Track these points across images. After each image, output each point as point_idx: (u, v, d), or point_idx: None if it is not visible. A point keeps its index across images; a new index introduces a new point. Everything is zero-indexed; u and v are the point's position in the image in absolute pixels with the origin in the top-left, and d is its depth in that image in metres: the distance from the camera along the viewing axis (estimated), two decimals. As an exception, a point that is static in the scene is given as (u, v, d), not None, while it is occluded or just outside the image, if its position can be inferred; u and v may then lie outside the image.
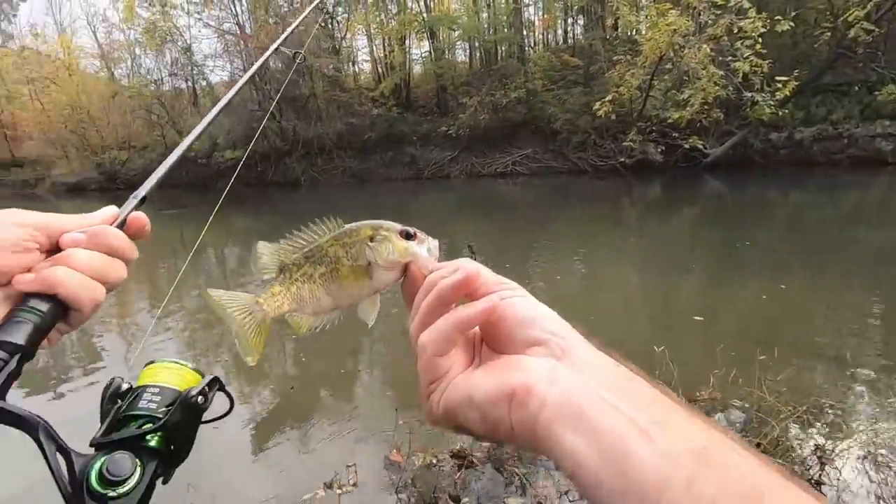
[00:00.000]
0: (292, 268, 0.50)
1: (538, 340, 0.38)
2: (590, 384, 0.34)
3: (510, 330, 0.40)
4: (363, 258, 0.46)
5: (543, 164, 19.62)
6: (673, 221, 9.82)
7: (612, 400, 0.32)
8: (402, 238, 0.46)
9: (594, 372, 0.35)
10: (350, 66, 26.30)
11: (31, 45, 30.44)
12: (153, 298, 6.45)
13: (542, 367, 0.36)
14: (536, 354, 0.37)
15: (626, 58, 16.57)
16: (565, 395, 0.33)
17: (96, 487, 0.40)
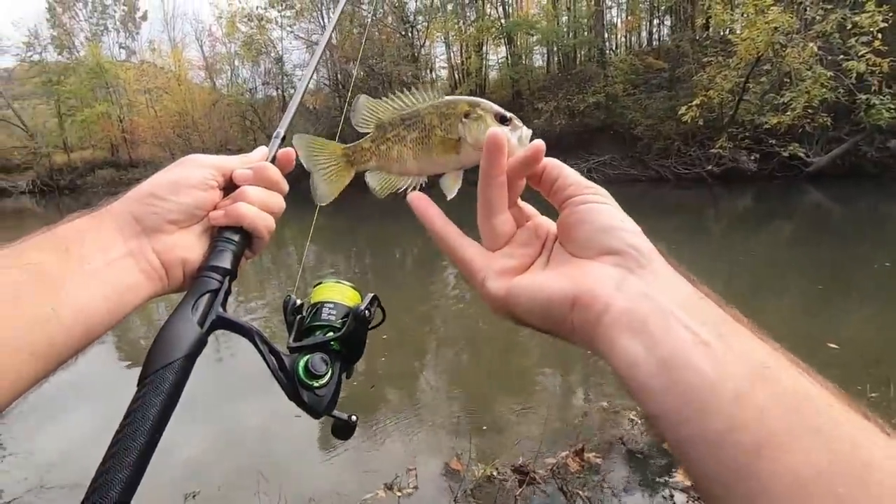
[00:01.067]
0: (387, 126, 0.51)
1: (614, 250, 0.37)
2: (658, 297, 0.33)
3: (588, 235, 0.39)
4: (455, 132, 0.47)
5: (621, 171, 18.82)
6: (764, 236, 8.99)
7: (680, 314, 0.32)
8: (495, 120, 0.46)
9: (666, 286, 0.35)
10: (428, 73, 26.87)
11: (150, 59, 34.25)
12: (239, 289, 6.95)
13: (611, 275, 0.36)
14: (610, 263, 0.37)
15: (718, 59, 15.49)
16: (631, 303, 0.33)
17: (304, 379, 0.52)
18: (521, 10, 24.74)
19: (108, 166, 32.22)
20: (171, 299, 0.52)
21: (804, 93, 13.17)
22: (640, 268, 0.36)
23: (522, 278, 0.40)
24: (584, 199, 0.40)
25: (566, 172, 0.43)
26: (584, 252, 0.39)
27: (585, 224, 0.39)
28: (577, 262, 0.38)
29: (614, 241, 0.37)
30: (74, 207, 2.65)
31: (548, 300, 0.37)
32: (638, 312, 0.33)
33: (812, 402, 0.28)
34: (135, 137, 31.86)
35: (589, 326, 0.34)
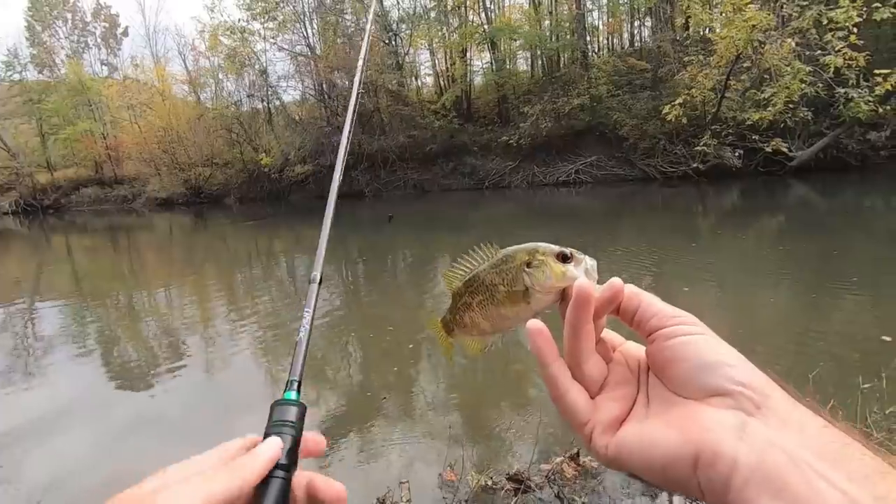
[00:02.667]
0: (456, 297, 0.53)
1: (724, 391, 0.32)
2: (790, 446, 0.29)
3: (688, 375, 0.34)
4: (520, 284, 0.46)
5: (608, 171, 18.99)
6: (752, 231, 9.10)
7: (820, 467, 0.28)
8: (558, 261, 0.45)
9: (796, 431, 0.30)
10: (413, 81, 26.97)
11: (132, 74, 33.98)
12: (231, 304, 6.88)
13: (728, 422, 0.31)
14: (721, 406, 0.32)
15: (699, 58, 15.73)
16: (760, 456, 0.29)
17: None
18: (503, 15, 24.95)
19: (93, 184, 31.85)
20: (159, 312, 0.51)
21: (784, 88, 13.41)
22: (758, 408, 0.31)
23: (629, 432, 0.36)
24: (673, 331, 0.36)
25: (646, 302, 0.39)
26: (687, 392, 0.34)
27: (681, 362, 0.35)
28: (684, 404, 0.34)
29: (721, 381, 0.33)
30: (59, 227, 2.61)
31: (664, 460, 0.33)
32: (772, 468, 0.28)
33: None
34: (119, 154, 31.52)
35: (718, 488, 0.30)
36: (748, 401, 0.32)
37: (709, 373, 0.33)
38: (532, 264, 0.46)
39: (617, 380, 0.40)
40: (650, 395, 0.38)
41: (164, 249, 14.19)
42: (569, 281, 0.44)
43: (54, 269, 11.89)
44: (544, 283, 0.45)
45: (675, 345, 0.36)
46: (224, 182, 26.57)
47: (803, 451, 0.28)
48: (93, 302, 7.68)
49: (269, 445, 0.45)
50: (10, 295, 8.45)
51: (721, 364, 0.34)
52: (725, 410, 0.32)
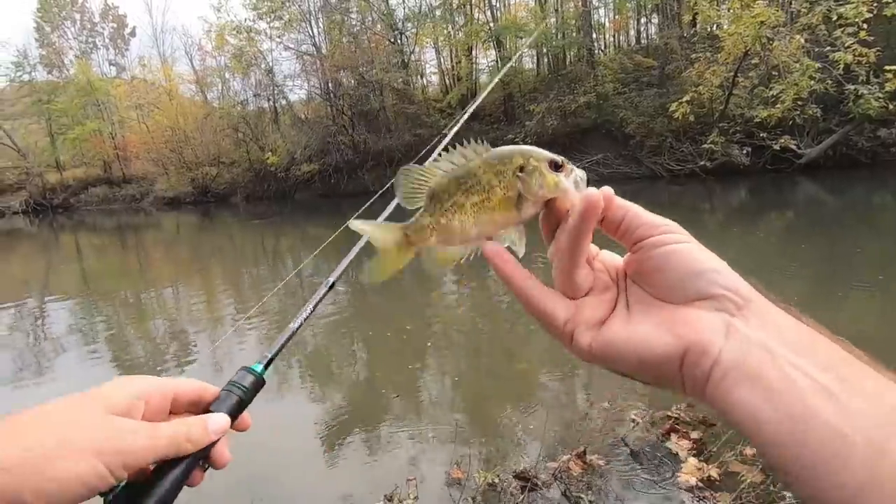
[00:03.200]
0: (442, 195, 0.46)
1: (709, 294, 0.34)
2: (769, 342, 0.32)
3: (675, 282, 0.36)
4: (514, 189, 0.43)
5: (615, 169, 18.89)
6: (761, 229, 9.03)
7: (793, 358, 0.31)
8: (551, 170, 0.43)
9: (774, 328, 0.33)
10: (418, 79, 26.97)
11: (140, 74, 34.24)
12: (237, 302, 6.92)
13: (716, 323, 0.33)
14: (706, 309, 0.34)
15: (706, 55, 15.61)
16: (742, 353, 0.32)
17: None
18: (509, 13, 24.88)
19: (102, 183, 32.13)
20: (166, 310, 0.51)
21: (793, 85, 13.27)
22: (740, 310, 0.34)
23: (615, 330, 0.38)
24: (661, 240, 0.37)
25: (632, 212, 0.39)
26: (672, 297, 0.36)
27: (669, 270, 0.36)
28: (671, 309, 0.36)
29: (707, 286, 0.34)
30: (68, 226, 2.64)
31: (657, 359, 0.35)
32: (750, 362, 0.31)
33: None
34: (127, 154, 31.78)
35: (700, 381, 0.33)
36: (731, 304, 0.34)
37: (696, 278, 0.35)
38: (526, 169, 0.43)
39: (599, 286, 0.41)
40: (630, 300, 0.39)
41: (172, 248, 14.29)
42: (559, 193, 0.42)
43: (63, 268, 12.01)
44: (537, 191, 0.43)
45: (663, 253, 0.36)
46: (231, 181, 26.72)
47: (779, 346, 0.31)
48: (101, 300, 7.75)
49: (220, 424, 0.50)
50: (20, 293, 8.55)
51: (708, 270, 0.35)
52: (711, 312, 0.34)
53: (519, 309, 3.74)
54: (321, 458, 2.89)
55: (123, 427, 0.42)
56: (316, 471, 2.78)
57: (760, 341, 0.32)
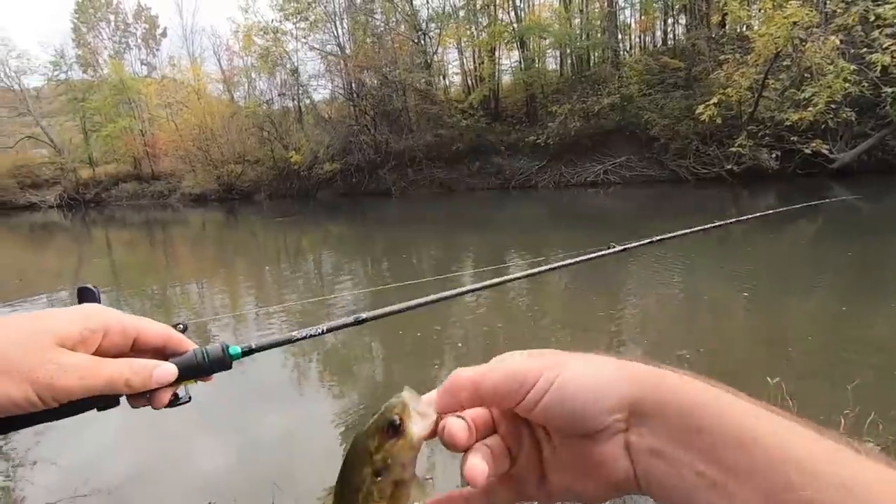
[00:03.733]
0: None
1: (599, 428, 0.34)
2: (661, 447, 0.32)
3: (565, 430, 0.36)
4: (388, 488, 0.39)
5: (638, 172, 18.63)
6: (789, 236, 8.78)
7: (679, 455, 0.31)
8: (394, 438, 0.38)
9: (662, 427, 0.32)
10: (441, 80, 27.04)
11: (170, 74, 35.13)
12: (259, 298, 7.04)
13: (618, 452, 0.34)
14: (605, 438, 0.34)
15: (735, 56, 15.27)
16: (645, 469, 0.33)
17: None
18: (533, 13, 24.76)
19: (132, 180, 33.09)
20: (190, 304, 0.52)
21: (826, 87, 12.88)
22: (628, 421, 0.34)
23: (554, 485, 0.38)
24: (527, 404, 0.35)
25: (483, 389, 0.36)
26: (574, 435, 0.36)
27: (554, 423, 0.36)
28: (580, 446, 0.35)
29: (595, 423, 0.34)
30: (99, 220, 2.72)
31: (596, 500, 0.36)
32: (653, 475, 0.32)
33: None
34: (156, 151, 32.64)
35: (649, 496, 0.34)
36: (620, 422, 0.34)
37: (580, 422, 0.34)
38: (380, 471, 0.38)
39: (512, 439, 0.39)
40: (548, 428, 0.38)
41: (197, 244, 14.63)
42: (419, 444, 0.38)
43: (94, 262, 12.41)
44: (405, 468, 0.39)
45: (538, 414, 0.35)
46: (255, 179, 27.21)
47: (666, 445, 0.32)
48: (129, 293, 7.98)
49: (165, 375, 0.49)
50: (54, 284, 8.87)
51: (584, 409, 0.34)
52: (609, 440, 0.34)
53: (540, 311, 3.73)
54: (339, 458, 2.92)
55: (64, 362, 0.43)
56: (333, 470, 2.81)
57: (653, 448, 0.32)
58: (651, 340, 4.36)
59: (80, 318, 0.46)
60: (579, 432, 0.35)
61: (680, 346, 4.05)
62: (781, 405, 1.27)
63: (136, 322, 0.50)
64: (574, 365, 0.35)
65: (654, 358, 0.37)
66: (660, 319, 4.98)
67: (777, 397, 2.32)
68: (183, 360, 0.52)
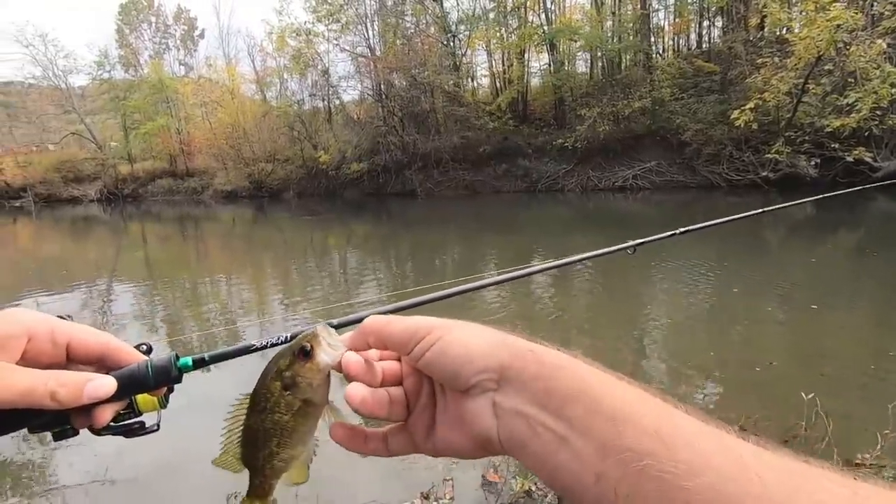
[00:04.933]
0: (251, 460, 0.48)
1: (471, 385, 0.38)
2: (520, 406, 0.36)
3: (446, 380, 0.40)
4: (296, 404, 0.44)
5: (668, 177, 18.23)
6: (827, 247, 8.44)
7: (536, 414, 0.35)
8: (304, 361, 0.43)
9: (522, 388, 0.36)
10: (469, 82, 27.05)
11: (206, 74, 36.21)
12: (285, 294, 7.17)
13: (485, 408, 0.37)
14: (476, 395, 0.38)
15: (774, 60, 14.78)
16: (507, 427, 0.36)
17: None
18: (563, 16, 24.53)
19: (167, 176, 34.19)
20: (219, 298, 0.53)
21: (871, 93, 12.35)
22: (498, 383, 0.37)
23: (439, 436, 0.42)
24: (415, 355, 0.40)
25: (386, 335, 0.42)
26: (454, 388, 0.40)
27: (437, 375, 0.40)
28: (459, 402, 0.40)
29: (467, 379, 0.38)
30: (135, 215, 2.82)
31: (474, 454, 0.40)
32: (514, 433, 0.35)
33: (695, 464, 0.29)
34: (191, 148, 33.66)
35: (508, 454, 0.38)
36: (489, 381, 0.37)
37: (456, 377, 0.38)
38: (289, 386, 0.44)
39: (413, 391, 0.44)
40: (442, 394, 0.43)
41: (228, 240, 15.01)
42: (326, 369, 0.43)
43: (130, 254, 12.87)
44: (312, 388, 0.44)
45: (424, 364, 0.40)
46: (284, 177, 27.75)
47: (526, 406, 0.35)
48: (161, 285, 8.25)
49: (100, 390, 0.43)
50: (92, 275, 9.24)
51: (459, 366, 0.38)
52: (479, 397, 0.38)
53: (560, 313, 3.67)
54: (358, 457, 2.94)
55: None
56: (355, 467, 2.84)
57: (516, 408, 0.36)
58: (675, 348, 4.25)
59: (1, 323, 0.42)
60: (454, 387, 0.39)
61: (706, 355, 3.94)
62: (816, 422, 1.23)
63: (69, 328, 0.45)
64: (461, 329, 0.40)
65: (675, 367, 0.37)
66: (686, 328, 4.85)
67: (812, 414, 2.23)
68: (124, 372, 0.47)
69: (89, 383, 0.42)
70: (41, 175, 35.17)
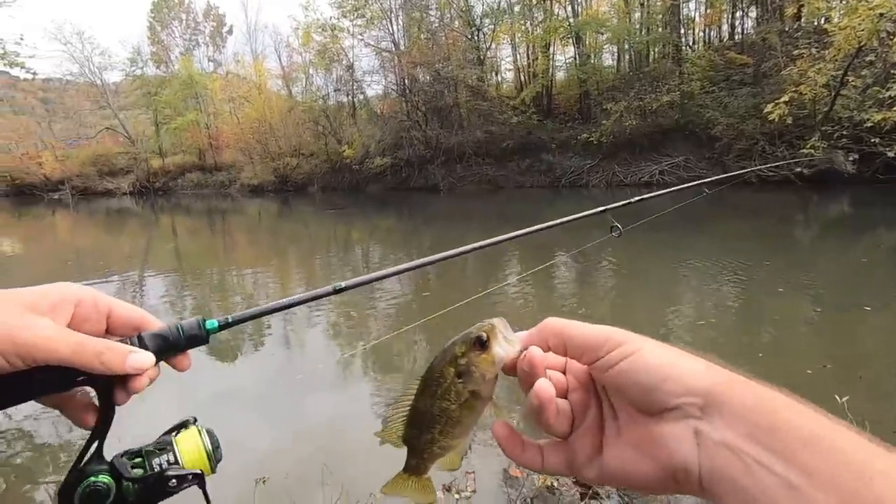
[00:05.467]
0: (413, 441, 0.50)
1: (670, 407, 0.35)
2: (734, 441, 0.32)
3: (636, 398, 0.36)
4: (465, 394, 0.45)
5: (696, 173, 17.75)
6: (863, 245, 8.12)
7: (755, 452, 0.31)
8: (479, 351, 0.43)
9: (733, 421, 0.32)
10: (493, 76, 26.86)
11: (234, 70, 36.92)
12: (309, 285, 7.29)
13: (685, 435, 0.34)
14: (674, 419, 0.34)
15: (811, 51, 14.20)
16: (712, 459, 0.32)
17: None
18: (590, 8, 24.09)
19: (196, 170, 35.10)
20: (245, 290, 0.54)
21: (916, 85, 11.77)
22: (703, 410, 0.33)
23: (610, 459, 0.38)
24: (606, 362, 0.37)
25: (569, 336, 0.40)
26: (643, 409, 0.37)
27: (625, 390, 0.37)
28: (647, 424, 0.36)
29: (666, 399, 0.35)
30: (166, 208, 2.90)
31: (650, 485, 0.36)
32: (722, 468, 0.32)
33: None
34: (219, 143, 34.44)
35: (696, 491, 0.34)
36: (693, 407, 0.34)
37: (652, 394, 0.35)
38: (462, 374, 0.44)
39: (579, 408, 0.41)
40: (615, 404, 0.40)
41: (254, 233, 15.32)
42: (500, 364, 0.43)
43: (161, 246, 13.27)
44: (484, 381, 0.44)
45: (614, 375, 0.37)
46: (309, 172, 28.14)
47: (741, 441, 0.31)
48: (191, 276, 8.48)
49: (141, 363, 0.47)
50: (125, 266, 9.57)
51: (659, 383, 0.35)
52: (678, 422, 0.34)
53: (583, 307, 3.63)
54: (386, 446, 2.98)
55: (27, 323, 0.43)
56: (379, 455, 2.88)
57: (726, 442, 0.32)
58: (704, 347, 4.16)
59: (50, 293, 0.46)
60: (648, 407, 0.36)
61: (734, 355, 3.84)
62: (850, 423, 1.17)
63: (110, 301, 0.50)
64: (657, 345, 0.37)
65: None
66: (714, 325, 4.74)
67: (844, 416, 2.15)
68: (155, 333, 0.50)
69: (132, 354, 0.47)
70: (78, 169, 36.54)
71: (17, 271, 9.58)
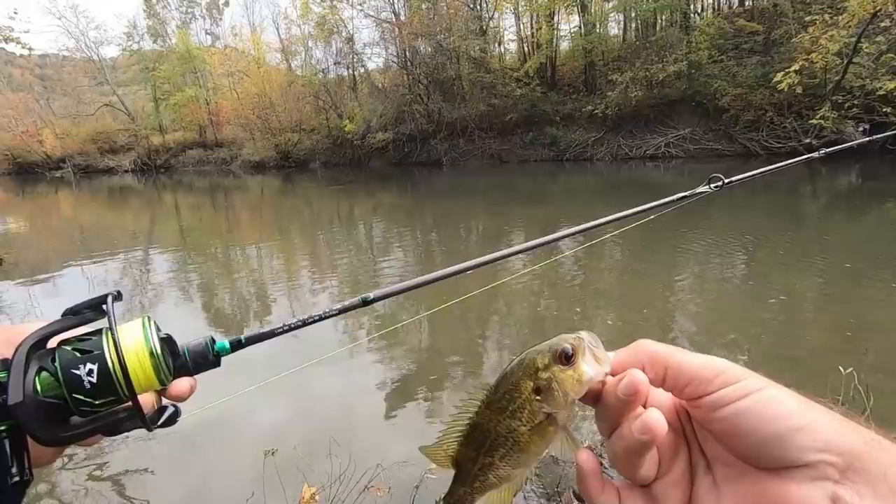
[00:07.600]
0: (466, 464, 0.42)
1: (799, 463, 0.28)
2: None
3: (754, 447, 0.29)
4: (539, 415, 0.38)
5: (703, 145, 17.53)
6: (872, 217, 8.04)
7: None
8: (564, 365, 0.36)
9: (887, 492, 0.26)
10: (496, 47, 26.26)
11: (232, 43, 36.24)
12: (313, 263, 7.32)
13: (817, 499, 0.27)
14: (803, 480, 0.28)
15: (823, 17, 13.78)
16: None
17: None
18: (596, -26, 23.33)
19: (197, 147, 34.84)
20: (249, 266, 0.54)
21: (931, 52, 11.45)
22: (844, 474, 0.27)
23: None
24: (720, 399, 0.30)
25: (673, 366, 0.32)
26: (757, 462, 0.30)
27: (742, 437, 0.30)
28: (757, 479, 0.30)
29: (799, 454, 0.28)
30: (168, 185, 2.88)
31: None
32: None
33: None
34: (219, 119, 34.06)
35: None
36: (831, 467, 0.27)
37: (780, 443, 0.28)
38: (542, 389, 0.37)
39: (668, 453, 0.34)
40: (708, 453, 0.33)
41: (256, 209, 15.30)
42: (587, 385, 0.36)
43: (165, 223, 13.30)
44: (565, 402, 0.37)
45: (728, 416, 0.30)
46: (310, 147, 27.90)
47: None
48: (195, 253, 8.53)
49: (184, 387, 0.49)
50: (129, 243, 9.62)
51: (790, 432, 0.28)
52: (812, 484, 0.28)
53: (590, 291, 3.63)
54: (392, 420, 3.05)
55: None
56: (387, 430, 2.95)
57: None
58: (706, 320, 4.19)
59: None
60: (768, 460, 0.29)
61: (737, 327, 3.86)
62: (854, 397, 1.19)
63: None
64: (782, 389, 0.30)
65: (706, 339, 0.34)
66: (719, 300, 4.75)
67: (849, 388, 2.17)
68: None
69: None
70: (79, 146, 36.32)
71: (26, 251, 9.64)
